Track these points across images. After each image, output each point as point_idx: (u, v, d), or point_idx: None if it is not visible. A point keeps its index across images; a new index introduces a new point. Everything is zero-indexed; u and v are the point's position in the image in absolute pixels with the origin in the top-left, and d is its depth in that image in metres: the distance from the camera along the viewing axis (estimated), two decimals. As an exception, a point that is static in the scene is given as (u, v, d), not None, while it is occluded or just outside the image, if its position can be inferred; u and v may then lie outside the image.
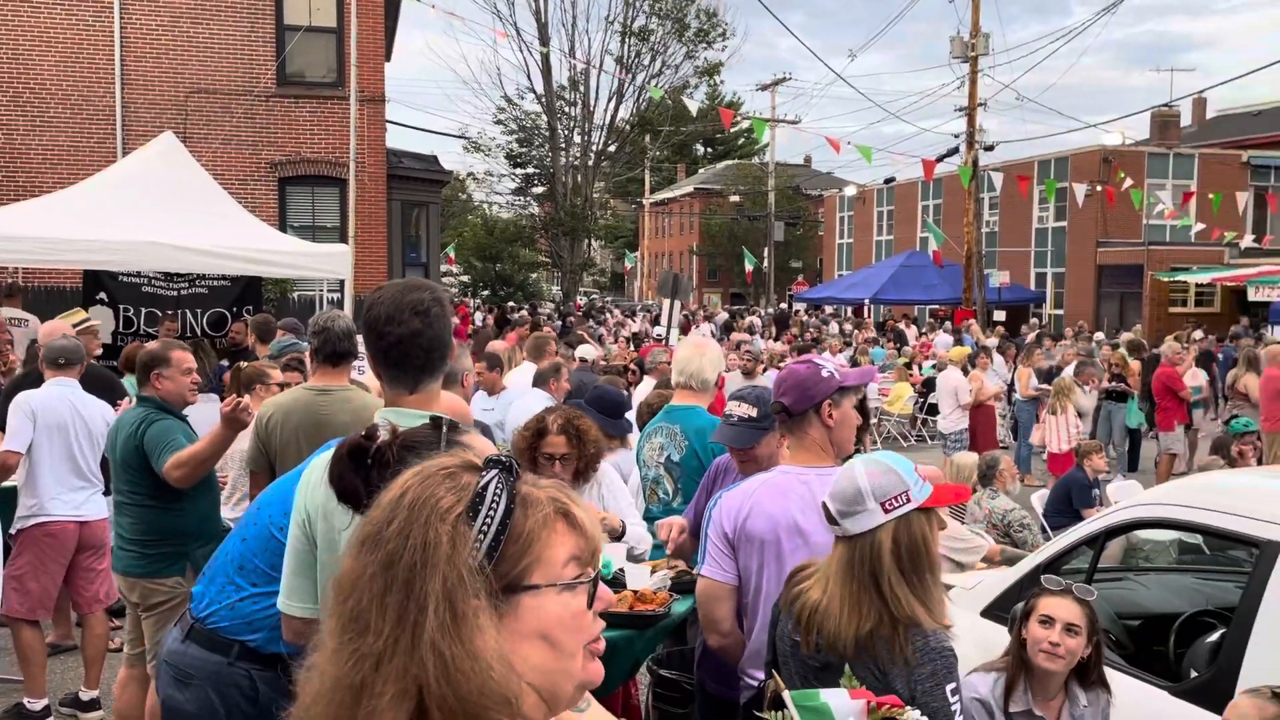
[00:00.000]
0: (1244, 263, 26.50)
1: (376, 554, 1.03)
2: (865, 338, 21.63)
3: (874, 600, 2.13)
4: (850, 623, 2.13)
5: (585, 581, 1.10)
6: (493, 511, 1.05)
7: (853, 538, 2.18)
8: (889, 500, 2.16)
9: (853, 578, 2.16)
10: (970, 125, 26.13)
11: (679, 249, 62.31)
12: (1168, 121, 33.18)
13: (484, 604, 1.01)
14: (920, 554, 2.16)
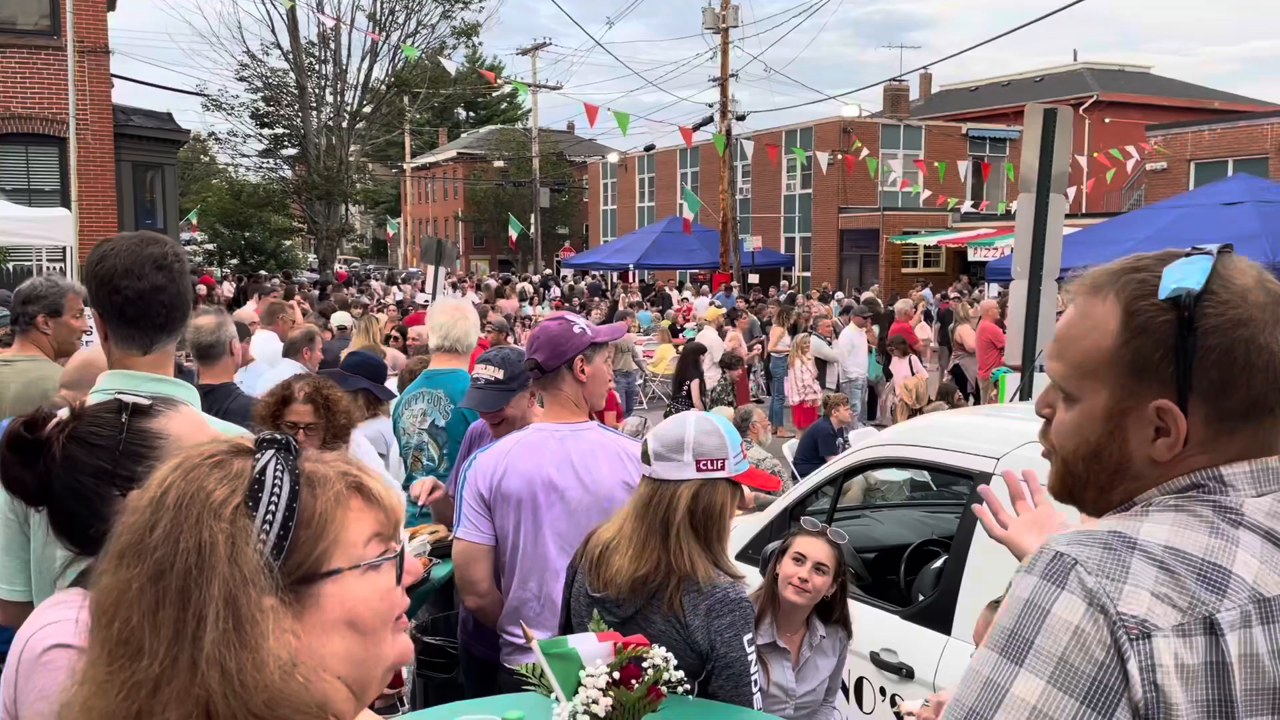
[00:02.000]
0: (964, 226, 29.07)
1: (141, 565, 0.91)
2: (629, 301, 22.09)
3: (658, 547, 2.17)
4: (632, 562, 2.17)
5: (391, 558, 1.01)
6: (275, 498, 0.94)
7: (658, 481, 2.22)
8: (705, 460, 2.21)
9: (645, 519, 2.21)
10: (723, 95, 27.10)
11: (444, 215, 61.06)
12: (898, 95, 35.76)
13: (274, 602, 0.91)
14: (714, 519, 2.23)
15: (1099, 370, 1.12)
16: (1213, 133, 22.99)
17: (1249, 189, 17.37)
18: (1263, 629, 1.00)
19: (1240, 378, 1.06)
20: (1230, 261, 1.10)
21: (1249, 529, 1.05)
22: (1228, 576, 1.01)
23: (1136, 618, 0.97)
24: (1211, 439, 1.08)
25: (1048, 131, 5.84)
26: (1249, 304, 1.06)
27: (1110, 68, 40.52)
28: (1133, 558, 1.01)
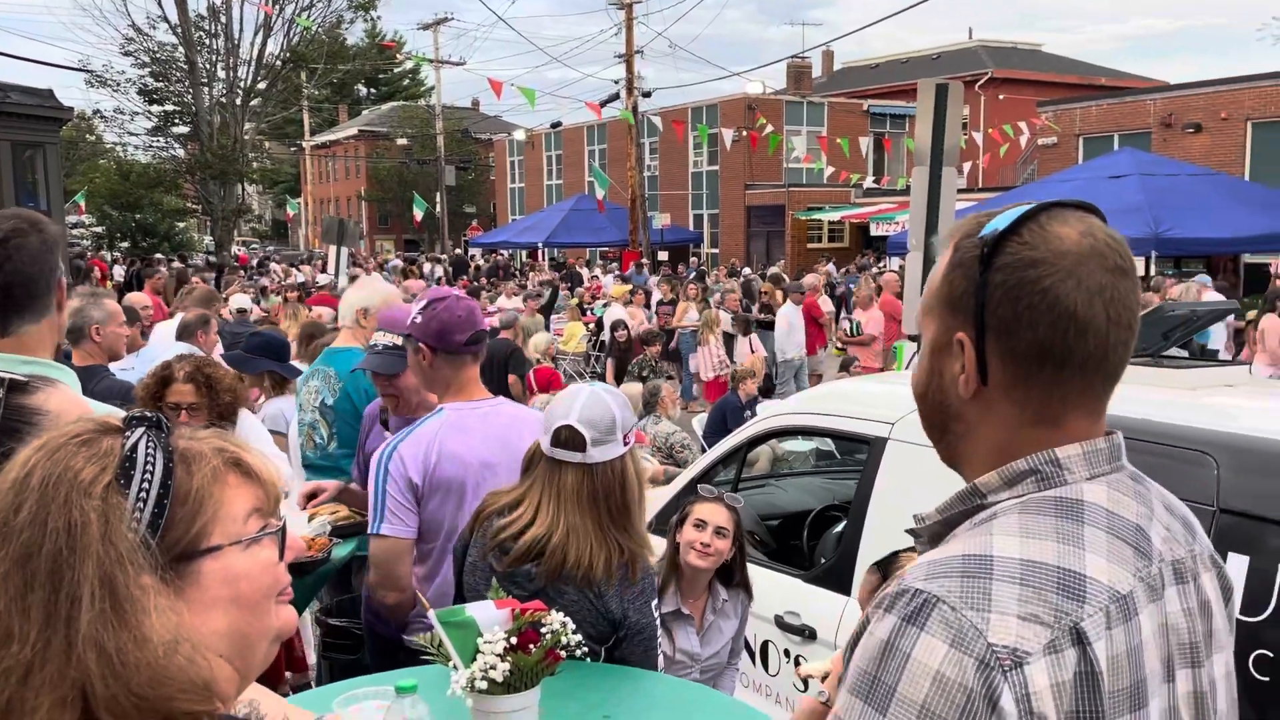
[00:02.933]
0: (866, 201, 29.64)
1: (7, 549, 0.88)
2: (539, 280, 21.97)
3: (614, 530, 2.16)
4: (599, 553, 2.12)
5: (272, 533, 1.01)
6: (149, 475, 0.93)
7: (593, 466, 2.17)
8: (628, 434, 2.23)
9: (597, 507, 2.16)
10: (629, 71, 27.03)
11: (346, 194, 59.68)
12: (801, 72, 36.20)
13: (153, 580, 0.90)
14: (642, 486, 2.26)
15: (933, 306, 1.15)
16: (1099, 108, 23.83)
17: (1134, 162, 18.10)
18: (1123, 628, 1.00)
19: (1024, 317, 1.05)
20: (1063, 213, 1.10)
21: (1092, 525, 1.04)
22: (1084, 581, 0.99)
23: (1008, 647, 0.94)
24: (1011, 383, 1.08)
25: (940, 106, 5.99)
26: (1050, 249, 1.06)
27: (1004, 45, 41.66)
28: (992, 583, 0.97)
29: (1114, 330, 1.07)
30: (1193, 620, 1.09)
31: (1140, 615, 1.01)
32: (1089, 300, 1.05)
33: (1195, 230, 15.83)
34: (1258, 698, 2.37)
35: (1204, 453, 2.57)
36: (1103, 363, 1.07)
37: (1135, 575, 1.03)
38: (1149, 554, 1.06)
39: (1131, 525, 1.06)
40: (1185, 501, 2.56)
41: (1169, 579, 1.07)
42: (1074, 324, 1.05)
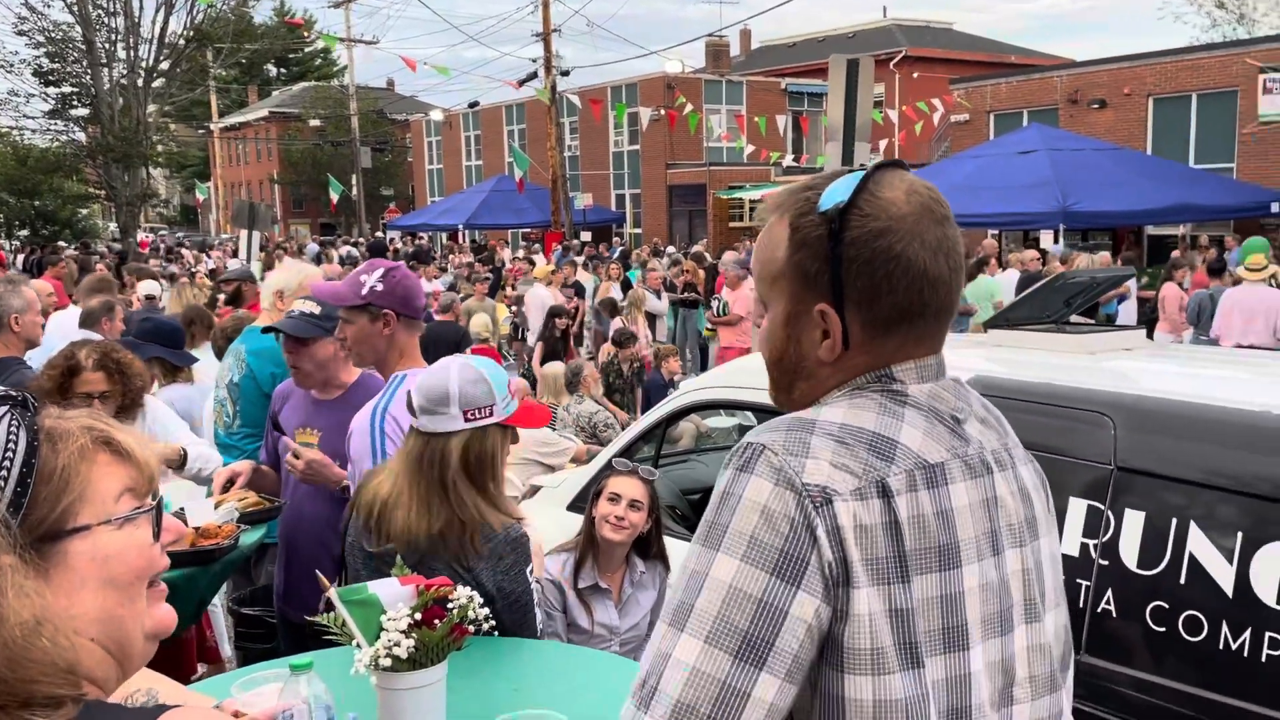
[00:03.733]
0: (786, 180, 29.85)
1: None
2: (459, 263, 21.72)
3: (443, 501, 2.16)
4: (421, 519, 2.14)
5: (145, 512, 0.99)
6: (10, 454, 0.92)
7: (427, 434, 2.19)
8: (472, 410, 2.19)
9: (421, 475, 2.17)
10: (547, 50, 26.79)
11: (258, 178, 58.13)
12: (719, 51, 36.30)
13: (15, 560, 0.87)
14: (486, 466, 2.22)
15: (778, 281, 1.21)
16: (1009, 85, 24.37)
17: (1042, 138, 18.57)
18: (928, 492, 1.12)
19: (883, 284, 1.15)
20: (885, 176, 1.19)
21: (913, 407, 1.17)
22: (894, 446, 1.12)
23: (819, 485, 1.06)
24: (869, 341, 1.18)
25: (851, 82, 6.06)
26: (890, 216, 1.15)
27: (917, 24, 42.31)
28: (812, 437, 1.10)
29: (954, 277, 1.19)
30: (1016, 502, 1.21)
31: (953, 486, 1.14)
32: (933, 256, 1.16)
33: (1101, 204, 16.33)
34: (1155, 647, 2.46)
35: (1101, 413, 2.65)
36: (948, 307, 1.20)
37: (950, 452, 1.15)
38: (966, 439, 1.19)
39: (949, 415, 1.19)
40: (1085, 461, 2.67)
41: (986, 464, 1.19)
42: (926, 281, 1.16)
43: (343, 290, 2.83)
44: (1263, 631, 2.27)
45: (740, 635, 1.02)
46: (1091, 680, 2.54)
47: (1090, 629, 2.57)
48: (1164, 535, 2.45)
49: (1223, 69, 19.90)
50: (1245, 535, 2.32)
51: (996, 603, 1.16)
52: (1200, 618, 2.38)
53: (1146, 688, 2.45)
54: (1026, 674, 1.19)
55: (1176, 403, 2.62)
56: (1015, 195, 16.56)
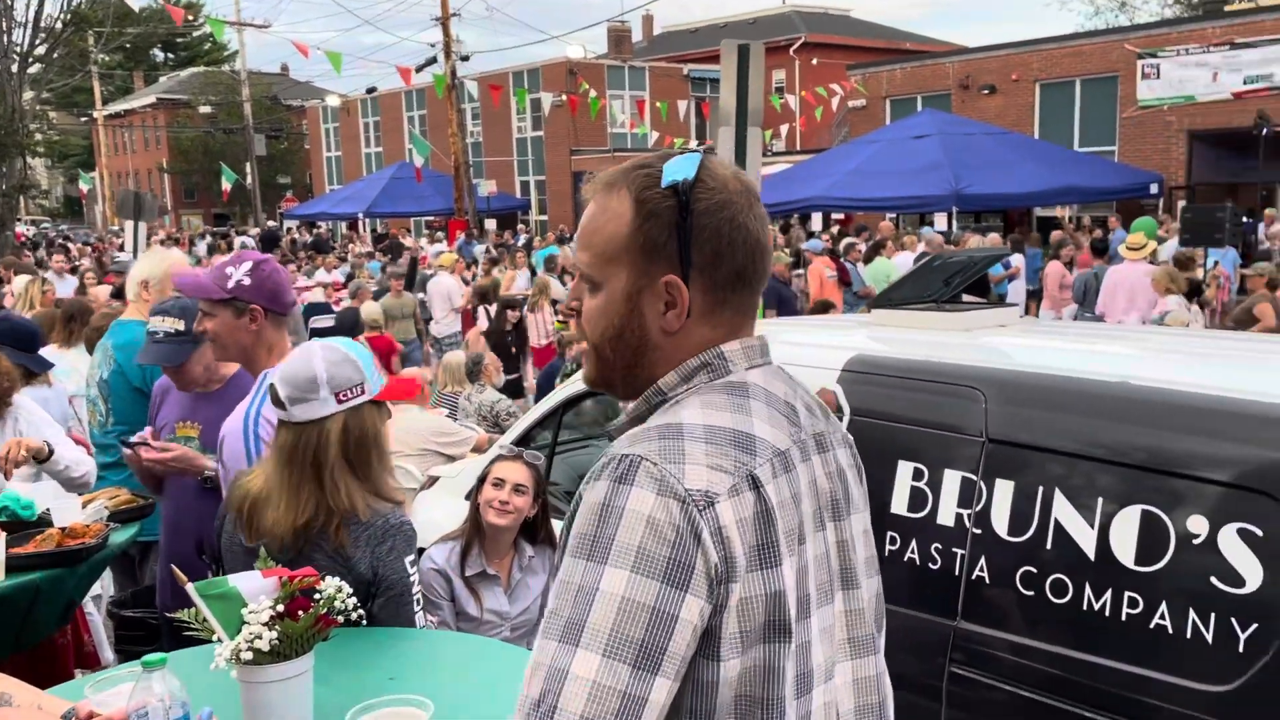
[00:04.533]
0: (691, 165, 30.03)
1: None
2: (359, 252, 21.29)
3: (314, 490, 2.11)
4: (289, 512, 2.10)
5: None
6: None
7: (299, 424, 2.14)
8: (344, 391, 2.15)
9: (294, 466, 2.13)
10: (446, 35, 26.37)
11: (146, 167, 55.97)
12: (621, 36, 36.28)
13: None
14: (368, 445, 2.18)
15: (619, 255, 1.25)
16: (904, 71, 24.94)
17: (935, 122, 19.06)
18: (785, 478, 1.20)
19: (727, 251, 1.23)
20: (712, 159, 1.28)
21: (756, 398, 1.24)
22: (754, 439, 1.18)
23: (701, 490, 1.11)
24: (709, 308, 1.25)
25: (743, 68, 6.12)
26: (729, 190, 1.25)
27: (815, 11, 42.94)
28: (684, 442, 1.15)
29: (770, 249, 1.30)
30: (834, 482, 1.31)
31: (797, 469, 1.22)
32: (761, 227, 1.27)
33: (992, 186, 16.85)
34: (1026, 610, 2.56)
35: (974, 388, 2.74)
36: (765, 276, 1.30)
37: (790, 438, 1.24)
38: (799, 423, 1.27)
39: (781, 400, 1.27)
40: (958, 433, 2.75)
41: (813, 447, 1.28)
42: (759, 249, 1.27)
43: (206, 282, 2.73)
44: (1122, 592, 2.38)
45: (636, 645, 1.06)
46: (969, 645, 2.63)
47: (966, 596, 2.66)
48: (1031, 503, 2.55)
49: (1104, 55, 20.69)
50: (1105, 501, 2.43)
51: (826, 573, 1.26)
52: (1066, 581, 2.48)
53: (1019, 650, 2.55)
54: (846, 636, 1.30)
55: (1041, 376, 2.72)
56: (910, 179, 16.98)
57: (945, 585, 2.70)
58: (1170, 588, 2.31)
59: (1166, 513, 2.33)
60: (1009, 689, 2.55)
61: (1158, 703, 2.31)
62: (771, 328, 4.34)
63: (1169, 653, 2.30)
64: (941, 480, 2.73)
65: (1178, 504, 2.32)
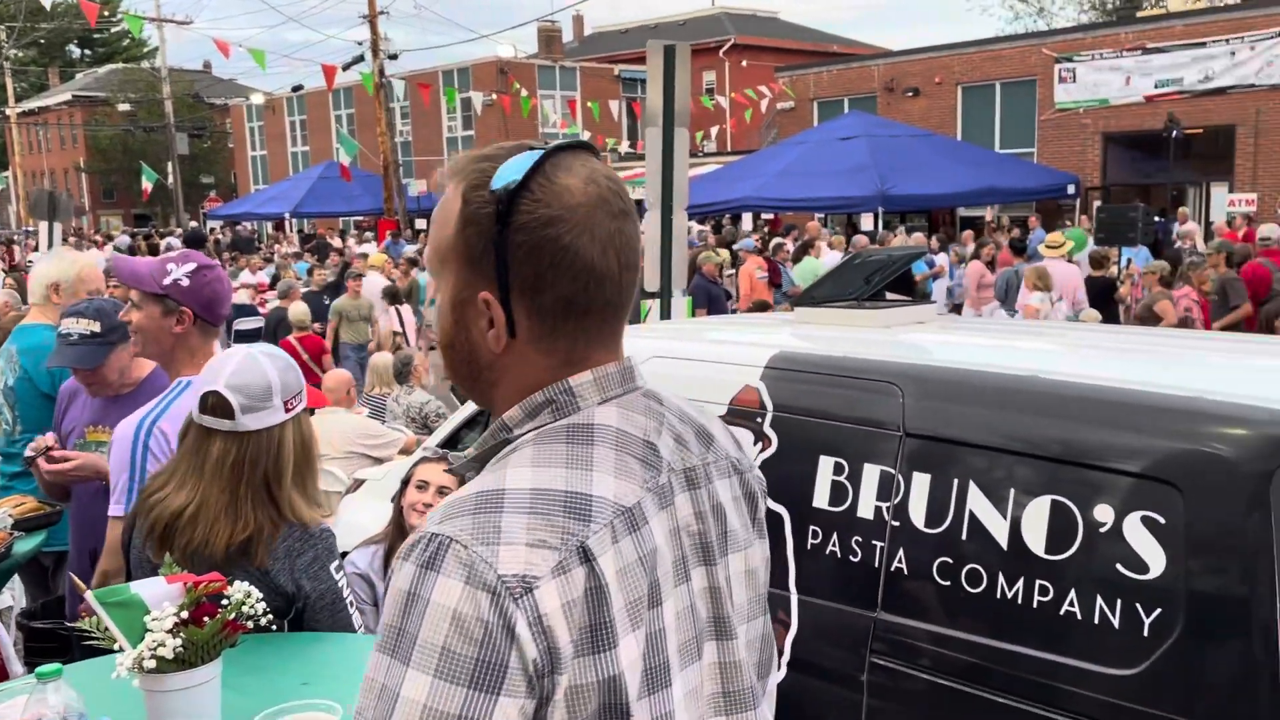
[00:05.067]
0: (622, 166, 30.12)
1: None
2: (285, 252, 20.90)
3: (261, 504, 2.04)
4: (224, 529, 2.01)
5: None
6: None
7: (243, 434, 2.06)
8: (290, 400, 2.10)
9: (241, 479, 2.04)
10: (373, 33, 26.03)
11: (62, 166, 54.23)
12: (552, 36, 36.19)
13: None
14: (312, 451, 2.15)
15: (447, 257, 1.13)
16: (831, 74, 25.30)
17: (861, 124, 19.39)
18: (631, 538, 1.05)
19: (549, 275, 1.08)
20: (565, 159, 1.11)
21: (602, 443, 1.09)
22: (589, 501, 1.03)
23: (517, 575, 0.97)
24: (539, 335, 1.11)
25: (669, 68, 6.14)
26: (562, 205, 1.08)
27: (744, 13, 43.31)
28: (502, 516, 1.00)
29: (625, 274, 1.12)
30: (704, 523, 1.16)
31: (650, 523, 1.07)
32: (603, 251, 1.09)
33: (916, 187, 17.20)
34: (943, 601, 2.62)
35: (891, 383, 2.79)
36: (618, 305, 1.13)
37: (643, 487, 1.09)
38: (657, 465, 1.12)
39: (640, 440, 1.12)
40: (877, 428, 2.80)
41: (678, 487, 1.14)
42: (593, 276, 1.09)
43: (143, 272, 2.64)
44: (1034, 580, 2.45)
45: None
46: (888, 636, 2.68)
47: (885, 587, 2.71)
48: (947, 495, 2.60)
49: (1023, 59, 21.23)
50: (1017, 491, 2.49)
51: (691, 629, 1.12)
52: (980, 571, 2.54)
53: (937, 639, 2.60)
54: (720, 689, 1.17)
55: (955, 371, 2.78)
56: (837, 180, 17.25)
57: (865, 577, 2.74)
58: (1079, 575, 2.38)
59: (1075, 502, 2.40)
60: (928, 678, 2.60)
61: (1069, 687, 2.37)
62: (696, 326, 4.38)
63: (1078, 638, 2.37)
64: (861, 474, 2.78)
65: (1085, 494, 2.39)
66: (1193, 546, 2.23)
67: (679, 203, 6.37)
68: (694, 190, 14.69)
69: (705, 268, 11.17)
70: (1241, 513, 2.18)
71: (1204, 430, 2.29)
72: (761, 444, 3.03)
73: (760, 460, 3.03)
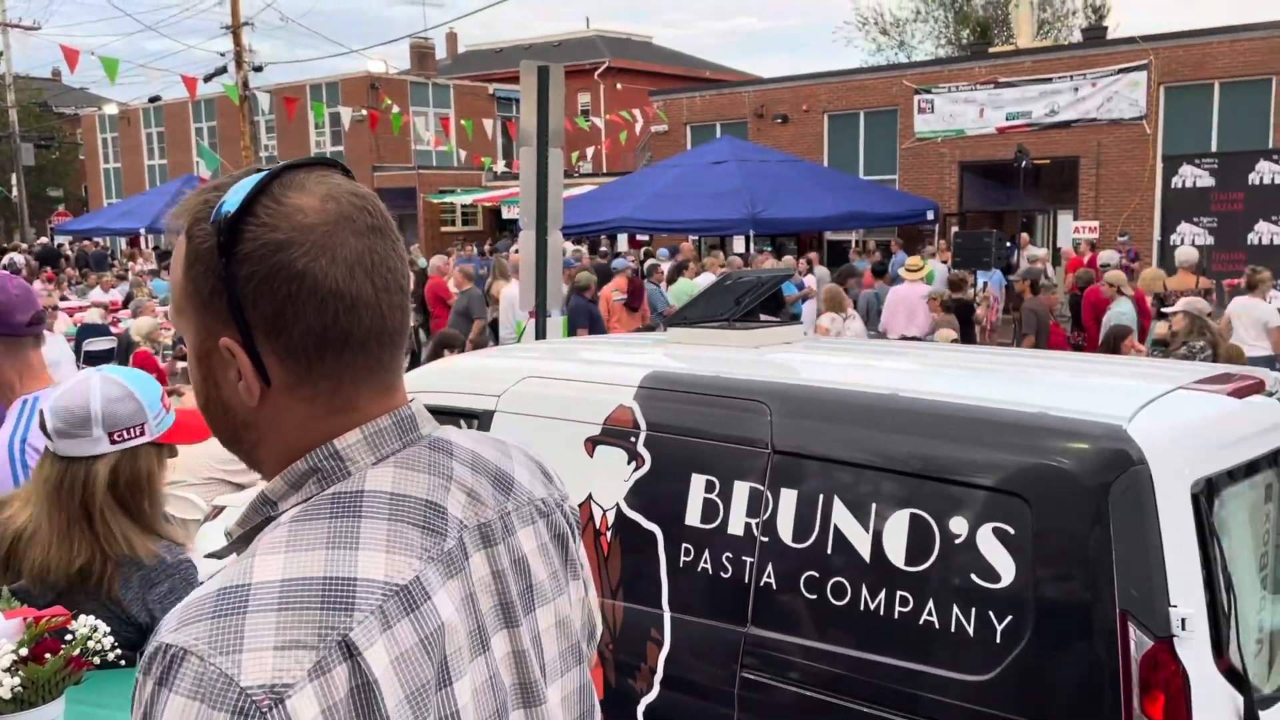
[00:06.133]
0: (498, 185, 29.97)
1: None
2: (140, 269, 19.98)
3: (85, 532, 1.95)
4: (62, 554, 1.93)
5: None
6: None
7: (65, 459, 1.97)
8: (120, 432, 1.99)
9: (61, 506, 1.96)
10: (237, 44, 25.21)
11: (-110, 175, 50.47)
12: (425, 53, 35.80)
13: None
14: (141, 489, 2.02)
15: (183, 305, 1.01)
16: (703, 99, 25.79)
17: (733, 149, 19.82)
18: (408, 620, 0.92)
19: (289, 309, 0.95)
20: (298, 177, 0.99)
21: (371, 516, 0.96)
22: (353, 586, 0.91)
23: (264, 686, 0.85)
24: (295, 380, 0.98)
25: (543, 88, 6.16)
26: (292, 226, 0.95)
27: (619, 36, 43.79)
28: (246, 617, 0.87)
29: (384, 297, 0.99)
30: (504, 581, 1.05)
31: (435, 597, 0.95)
32: (349, 274, 0.97)
33: (786, 211, 17.68)
34: (810, 614, 2.68)
35: (760, 401, 2.86)
36: (382, 333, 1.00)
37: (423, 557, 0.96)
38: (443, 530, 0.99)
39: (420, 503, 0.99)
40: (746, 445, 2.86)
41: (470, 547, 1.02)
42: (342, 303, 0.96)
43: None
44: (894, 591, 2.54)
45: None
46: (759, 650, 2.73)
47: (755, 602, 2.76)
48: (813, 510, 2.68)
49: (885, 90, 22.12)
50: (878, 506, 2.59)
51: (492, 702, 1.01)
52: (845, 583, 2.62)
53: (806, 652, 2.67)
54: None
55: (819, 389, 2.88)
56: (710, 203, 17.58)
57: (736, 593, 2.79)
58: (936, 586, 2.48)
59: (932, 515, 2.51)
60: (797, 690, 2.66)
61: (930, 695, 2.47)
62: (570, 346, 4.39)
63: (937, 647, 2.47)
64: (732, 491, 2.83)
65: (942, 507, 2.50)
66: (1040, 556, 2.36)
67: (554, 222, 6.38)
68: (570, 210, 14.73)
69: (591, 289, 11.13)
70: (1083, 523, 2.32)
71: (1048, 445, 2.43)
72: (635, 463, 3.06)
73: (635, 479, 3.05)
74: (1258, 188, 13.81)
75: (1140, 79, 18.83)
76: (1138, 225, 18.80)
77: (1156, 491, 2.27)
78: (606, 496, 3.11)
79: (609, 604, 3.08)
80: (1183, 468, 2.34)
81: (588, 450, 3.17)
